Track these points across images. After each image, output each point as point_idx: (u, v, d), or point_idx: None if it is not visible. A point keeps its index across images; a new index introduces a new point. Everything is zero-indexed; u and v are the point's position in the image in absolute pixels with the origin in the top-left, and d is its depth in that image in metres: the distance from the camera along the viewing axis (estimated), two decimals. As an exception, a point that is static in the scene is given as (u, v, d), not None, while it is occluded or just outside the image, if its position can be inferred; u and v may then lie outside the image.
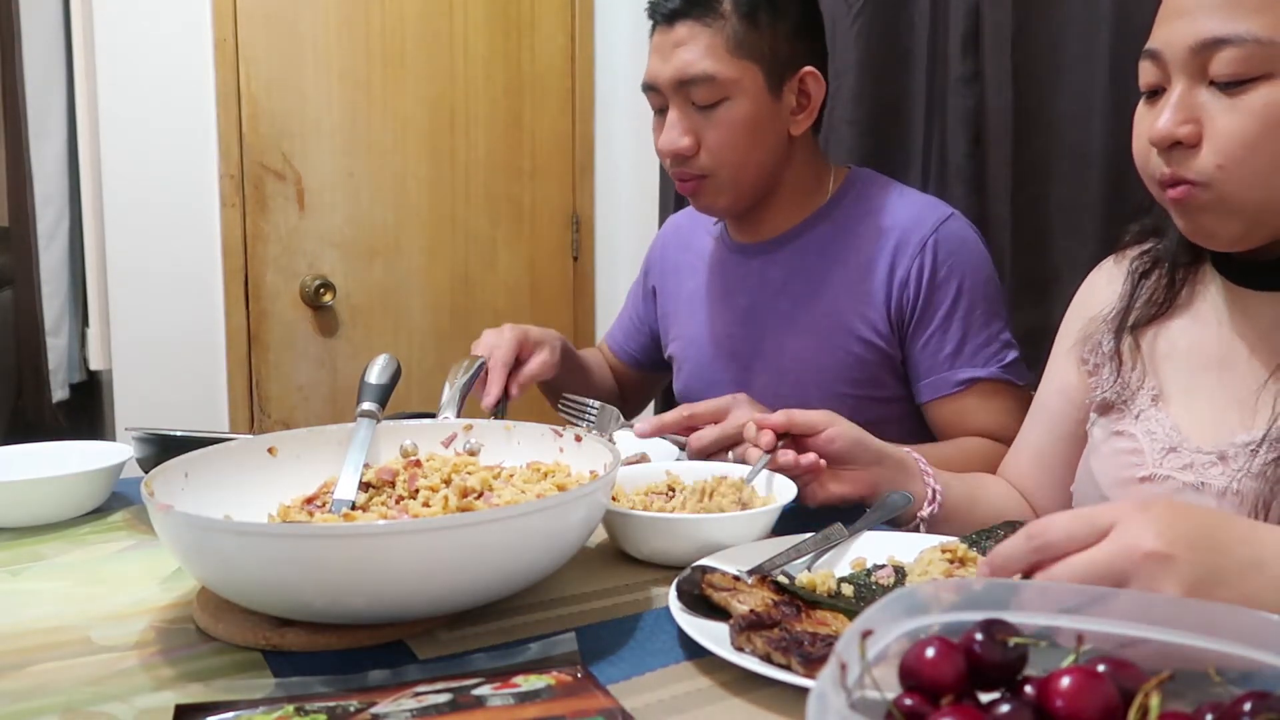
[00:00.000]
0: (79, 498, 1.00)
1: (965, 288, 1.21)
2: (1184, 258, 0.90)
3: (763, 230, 1.31)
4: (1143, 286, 0.93)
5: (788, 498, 0.90)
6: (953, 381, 1.21)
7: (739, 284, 1.33)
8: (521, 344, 1.28)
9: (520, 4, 2.50)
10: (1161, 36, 0.79)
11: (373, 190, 2.37)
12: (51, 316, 2.12)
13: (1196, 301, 0.89)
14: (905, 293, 1.21)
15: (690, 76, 1.19)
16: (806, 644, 0.62)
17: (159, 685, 0.64)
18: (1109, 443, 0.90)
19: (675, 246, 1.47)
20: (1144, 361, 0.90)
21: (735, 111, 1.19)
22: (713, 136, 1.20)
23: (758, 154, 1.22)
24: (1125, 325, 0.92)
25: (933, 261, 1.21)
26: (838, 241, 1.26)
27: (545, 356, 1.29)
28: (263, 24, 2.21)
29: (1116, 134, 1.47)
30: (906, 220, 1.23)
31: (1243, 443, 0.80)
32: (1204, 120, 0.76)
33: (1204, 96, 0.77)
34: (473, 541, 0.66)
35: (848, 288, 1.24)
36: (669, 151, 1.23)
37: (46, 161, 2.09)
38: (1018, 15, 1.54)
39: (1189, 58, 0.76)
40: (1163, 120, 0.77)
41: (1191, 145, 0.77)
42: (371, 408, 0.96)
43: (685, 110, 1.21)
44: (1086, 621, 0.47)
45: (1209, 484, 0.81)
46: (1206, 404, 0.85)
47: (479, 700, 0.57)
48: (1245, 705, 0.41)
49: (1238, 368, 0.84)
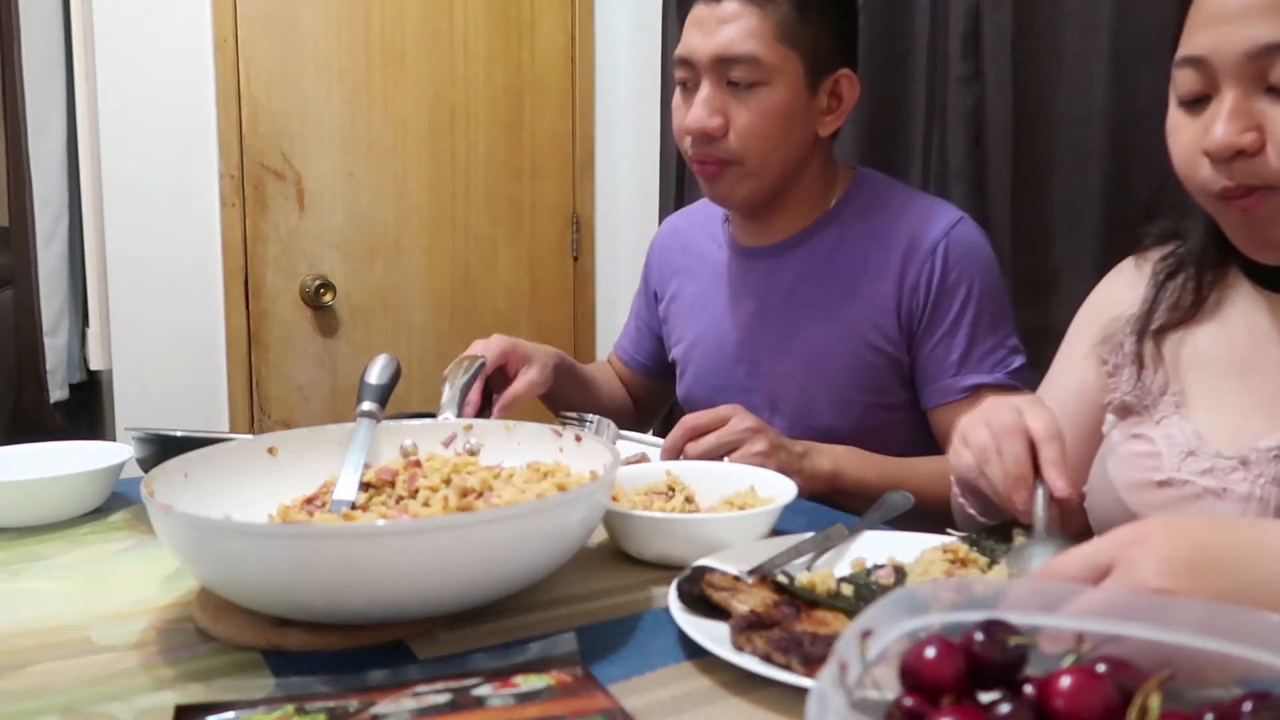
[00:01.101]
0: (79, 498, 1.00)
1: (974, 293, 1.20)
2: (1210, 261, 0.88)
3: (771, 233, 1.30)
4: (1166, 290, 0.91)
5: (788, 498, 0.90)
6: (958, 388, 1.20)
7: (745, 288, 1.32)
8: (508, 356, 1.24)
9: (520, 4, 2.50)
10: (1206, 43, 0.76)
11: (373, 190, 2.37)
12: (51, 316, 2.12)
13: (1224, 307, 0.88)
14: (915, 297, 1.20)
15: (734, 55, 1.16)
16: (806, 644, 0.62)
17: (159, 685, 0.64)
18: (1126, 445, 0.89)
19: (673, 250, 1.46)
20: (1166, 367, 0.89)
21: (772, 98, 1.17)
22: (744, 120, 1.18)
23: (785, 147, 1.20)
24: (1148, 329, 0.91)
25: (943, 266, 1.19)
26: (847, 245, 1.25)
27: (533, 375, 1.24)
28: (263, 24, 2.21)
29: (1117, 134, 1.47)
30: (916, 224, 1.22)
31: (1266, 448, 0.79)
32: (1265, 126, 0.74)
33: (1262, 104, 0.74)
34: (473, 541, 0.66)
35: (858, 292, 1.23)
36: (697, 129, 1.19)
37: (46, 161, 2.09)
38: (1018, 15, 1.54)
39: (1244, 64, 0.74)
40: (1220, 131, 0.75)
41: (1255, 153, 0.74)
42: (371, 408, 0.96)
43: (719, 89, 1.18)
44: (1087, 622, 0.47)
45: (1230, 489, 0.80)
46: (1229, 408, 0.84)
47: (479, 700, 0.57)
48: (1245, 705, 0.41)
49: (1264, 372, 0.83)
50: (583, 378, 1.42)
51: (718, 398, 1.33)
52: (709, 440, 1.06)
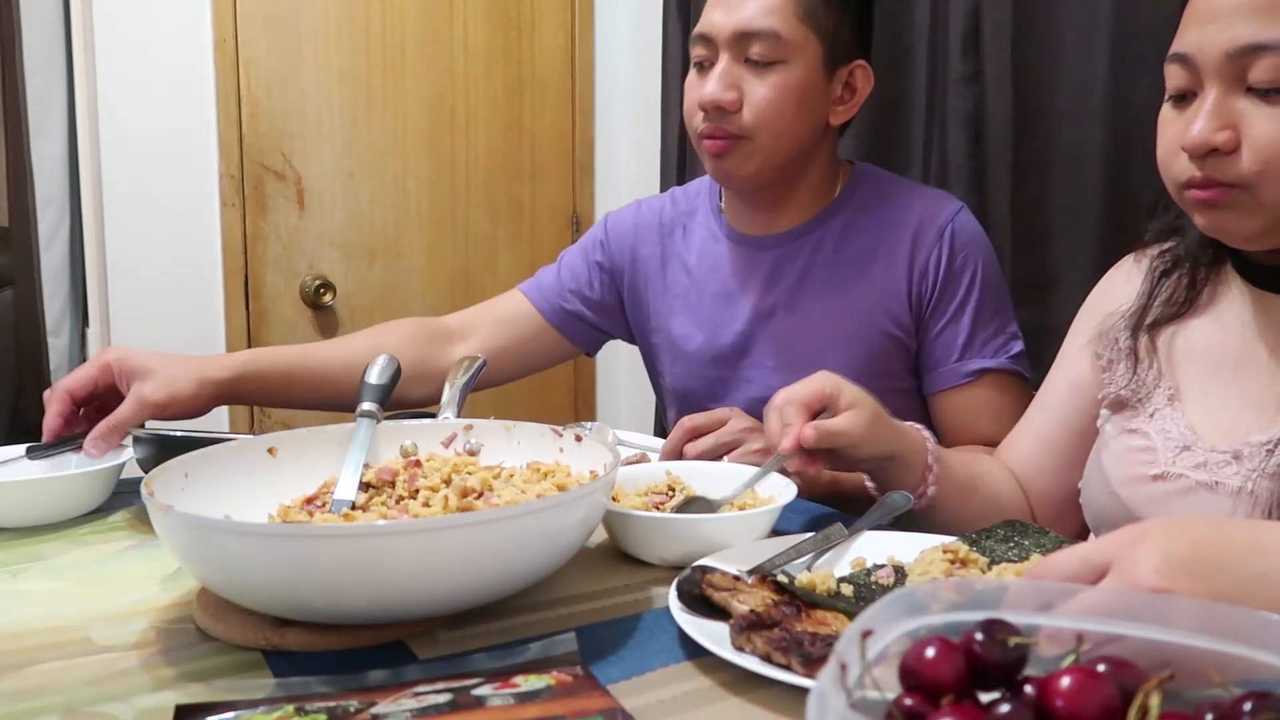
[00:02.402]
0: (79, 498, 1.00)
1: (978, 278, 1.22)
2: (1205, 258, 0.90)
3: (776, 223, 1.29)
4: (1162, 285, 0.92)
5: (788, 498, 0.90)
6: (963, 373, 1.21)
7: (747, 277, 1.31)
8: (110, 375, 1.07)
9: (520, 4, 2.50)
10: (1193, 41, 0.77)
11: (373, 190, 2.37)
12: (52, 316, 2.12)
13: (1218, 303, 0.89)
14: (925, 281, 1.22)
15: (756, 29, 1.16)
16: (806, 644, 0.62)
17: (159, 685, 0.64)
18: (1120, 440, 0.90)
19: (654, 229, 1.40)
20: (1160, 361, 0.90)
21: (790, 76, 1.18)
22: (760, 95, 1.18)
23: (797, 128, 1.21)
24: (1143, 323, 0.92)
25: (950, 250, 1.21)
26: (855, 234, 1.26)
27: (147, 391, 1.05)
28: (263, 24, 2.21)
29: (1116, 134, 1.47)
30: (921, 211, 1.24)
31: (1259, 442, 0.80)
32: (1242, 126, 0.75)
33: (1241, 103, 0.75)
34: (473, 541, 0.66)
35: (869, 279, 1.24)
36: (711, 102, 1.18)
37: (46, 162, 2.09)
38: (1018, 15, 1.54)
39: (1225, 63, 0.75)
40: (1198, 128, 0.76)
41: (1229, 152, 0.75)
42: (371, 408, 0.96)
43: (736, 64, 1.19)
44: (1086, 622, 0.47)
45: (1223, 483, 0.81)
46: (1223, 403, 0.85)
47: (479, 700, 0.57)
48: (1245, 705, 0.41)
49: (1256, 368, 0.83)
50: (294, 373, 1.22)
51: (716, 389, 1.32)
52: (707, 441, 1.08)
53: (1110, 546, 0.58)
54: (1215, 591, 0.55)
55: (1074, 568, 0.58)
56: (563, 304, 1.41)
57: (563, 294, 1.41)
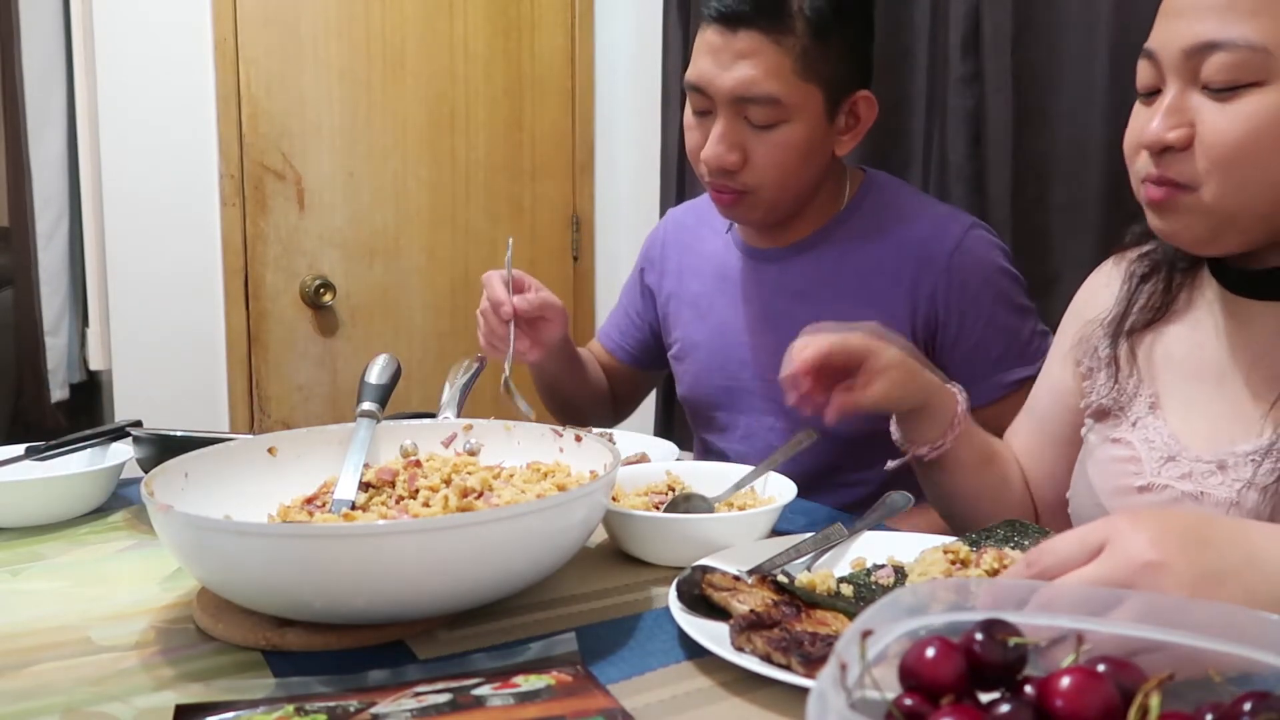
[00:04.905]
0: (79, 498, 1.00)
1: (998, 295, 1.20)
2: (1181, 263, 0.89)
3: (782, 236, 1.29)
4: (1140, 290, 0.92)
5: (788, 498, 0.90)
6: (1004, 384, 1.19)
7: (754, 288, 1.31)
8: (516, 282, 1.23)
9: (520, 4, 2.50)
10: (1159, 37, 0.78)
11: (373, 190, 2.37)
12: (51, 316, 2.12)
13: (1194, 308, 0.88)
14: (933, 307, 1.19)
15: (753, 96, 1.12)
16: (806, 644, 0.62)
17: (159, 685, 0.64)
18: (1105, 449, 0.89)
19: (677, 246, 1.44)
20: (1140, 368, 0.89)
21: (791, 135, 1.15)
22: (763, 155, 1.15)
23: (804, 176, 1.19)
24: (1122, 330, 0.91)
25: (961, 278, 1.18)
26: (858, 249, 1.24)
27: (558, 302, 1.25)
28: (263, 24, 2.21)
29: (1117, 134, 1.46)
30: (928, 233, 1.21)
31: (1244, 452, 0.79)
32: (1196, 124, 0.75)
33: (1196, 100, 0.76)
34: (473, 541, 0.66)
35: (869, 295, 1.22)
36: (715, 164, 1.16)
37: (46, 161, 2.09)
38: (1018, 15, 1.54)
39: (1183, 60, 0.75)
40: (1154, 125, 0.76)
41: (1183, 149, 0.76)
42: (371, 408, 0.96)
43: (736, 124, 1.15)
44: (1087, 622, 0.47)
45: (1209, 494, 0.80)
46: (1205, 413, 0.84)
47: (479, 700, 0.57)
48: (1245, 705, 0.41)
49: (1238, 377, 0.83)
50: (576, 354, 1.42)
51: (721, 398, 1.33)
52: None
53: (1104, 529, 0.59)
54: (1205, 568, 0.56)
55: (1071, 550, 0.58)
56: (630, 344, 1.51)
57: (627, 332, 1.51)
